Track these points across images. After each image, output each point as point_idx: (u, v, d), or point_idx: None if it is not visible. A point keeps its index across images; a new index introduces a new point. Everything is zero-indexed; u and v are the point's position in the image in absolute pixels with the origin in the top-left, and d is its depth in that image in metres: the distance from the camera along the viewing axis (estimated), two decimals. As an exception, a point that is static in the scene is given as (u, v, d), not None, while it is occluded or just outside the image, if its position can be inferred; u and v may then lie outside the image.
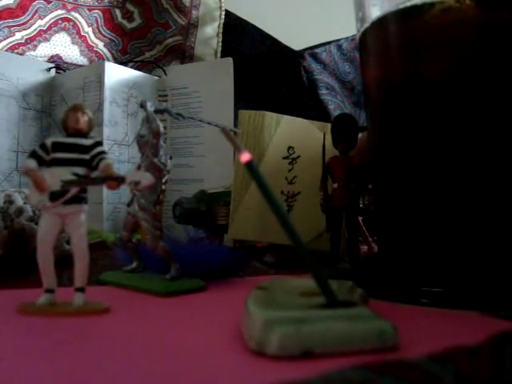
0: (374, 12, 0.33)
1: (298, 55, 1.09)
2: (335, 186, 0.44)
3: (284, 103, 1.08)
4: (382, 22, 0.33)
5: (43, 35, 0.83)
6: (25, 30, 0.81)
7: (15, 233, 0.43)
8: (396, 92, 0.33)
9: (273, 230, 0.45)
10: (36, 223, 0.43)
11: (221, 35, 0.99)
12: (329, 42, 1.13)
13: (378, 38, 0.34)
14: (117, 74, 0.72)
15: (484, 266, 0.29)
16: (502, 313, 0.27)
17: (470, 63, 0.29)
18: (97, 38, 0.90)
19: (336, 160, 0.44)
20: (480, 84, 0.29)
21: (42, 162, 0.28)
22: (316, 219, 0.46)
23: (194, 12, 0.98)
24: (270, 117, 0.53)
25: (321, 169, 0.53)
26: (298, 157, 0.53)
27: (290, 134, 0.53)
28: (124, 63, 0.82)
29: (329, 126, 0.56)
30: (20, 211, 0.44)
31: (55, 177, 0.27)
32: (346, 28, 1.02)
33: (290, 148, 0.53)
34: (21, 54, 0.80)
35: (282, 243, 0.48)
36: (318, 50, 1.11)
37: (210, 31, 0.99)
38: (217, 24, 0.99)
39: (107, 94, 0.70)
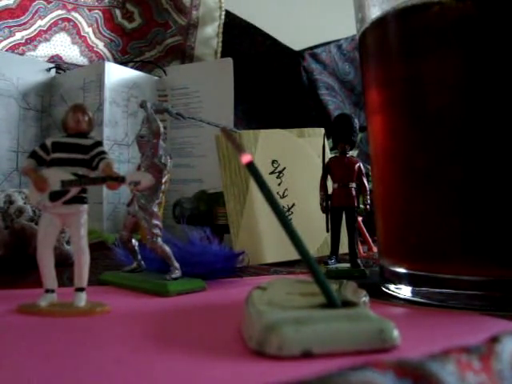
0: (374, 12, 0.33)
1: (298, 55, 1.09)
2: (335, 186, 0.44)
3: (284, 103, 1.09)
4: (381, 22, 0.33)
5: (43, 35, 0.83)
6: (25, 30, 0.81)
7: (15, 233, 0.43)
8: (396, 92, 0.33)
9: (282, 246, 0.45)
10: (36, 223, 0.43)
11: (221, 35, 0.99)
12: (329, 42, 1.13)
13: (377, 39, 0.34)
14: (117, 74, 0.72)
15: None
16: (502, 313, 0.27)
17: (469, 63, 0.29)
18: (97, 38, 0.90)
19: (336, 160, 0.44)
20: (480, 83, 0.29)
21: (41, 162, 0.28)
22: (317, 225, 0.46)
23: (194, 12, 0.98)
24: (247, 134, 0.53)
25: (308, 175, 0.53)
26: (284, 168, 0.53)
27: (271, 147, 0.53)
28: (124, 63, 0.82)
29: (306, 130, 0.57)
30: (20, 211, 0.44)
31: (55, 177, 0.27)
32: (346, 28, 1.02)
33: (274, 162, 0.53)
34: (21, 54, 0.80)
35: (293, 259, 0.47)
36: (317, 50, 1.11)
37: (210, 31, 0.99)
38: (217, 24, 0.99)
39: (107, 94, 0.70)
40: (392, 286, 0.33)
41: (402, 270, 0.32)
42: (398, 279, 0.33)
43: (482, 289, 0.28)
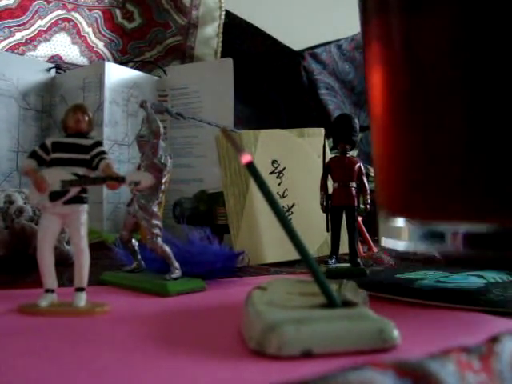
0: None
1: (298, 55, 1.09)
2: (335, 185, 0.44)
3: (284, 103, 1.08)
4: None
5: (43, 35, 0.83)
6: (25, 30, 0.81)
7: (16, 233, 0.43)
8: (396, 43, 0.32)
9: (281, 245, 0.45)
10: (36, 223, 0.43)
11: (221, 35, 0.99)
12: (329, 42, 1.13)
13: None
14: (117, 74, 0.72)
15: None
16: (502, 309, 0.27)
17: (469, 15, 0.29)
18: (97, 38, 0.90)
19: (336, 160, 0.44)
20: (481, 33, 0.28)
21: (42, 162, 0.28)
22: (317, 225, 0.46)
23: (194, 12, 0.98)
24: (247, 134, 0.53)
25: (308, 175, 0.53)
26: (284, 168, 0.53)
27: (271, 147, 0.53)
28: (124, 63, 0.82)
29: (306, 130, 0.57)
30: (20, 211, 0.44)
31: (55, 177, 0.27)
32: (346, 28, 1.02)
33: (273, 162, 0.53)
34: (21, 54, 0.80)
35: (293, 259, 0.47)
36: (317, 50, 1.11)
37: (210, 31, 0.99)
38: (217, 24, 0.99)
39: (107, 94, 0.70)
40: (390, 240, 0.33)
41: (401, 221, 0.32)
42: (397, 230, 0.32)
43: (481, 242, 0.28)
